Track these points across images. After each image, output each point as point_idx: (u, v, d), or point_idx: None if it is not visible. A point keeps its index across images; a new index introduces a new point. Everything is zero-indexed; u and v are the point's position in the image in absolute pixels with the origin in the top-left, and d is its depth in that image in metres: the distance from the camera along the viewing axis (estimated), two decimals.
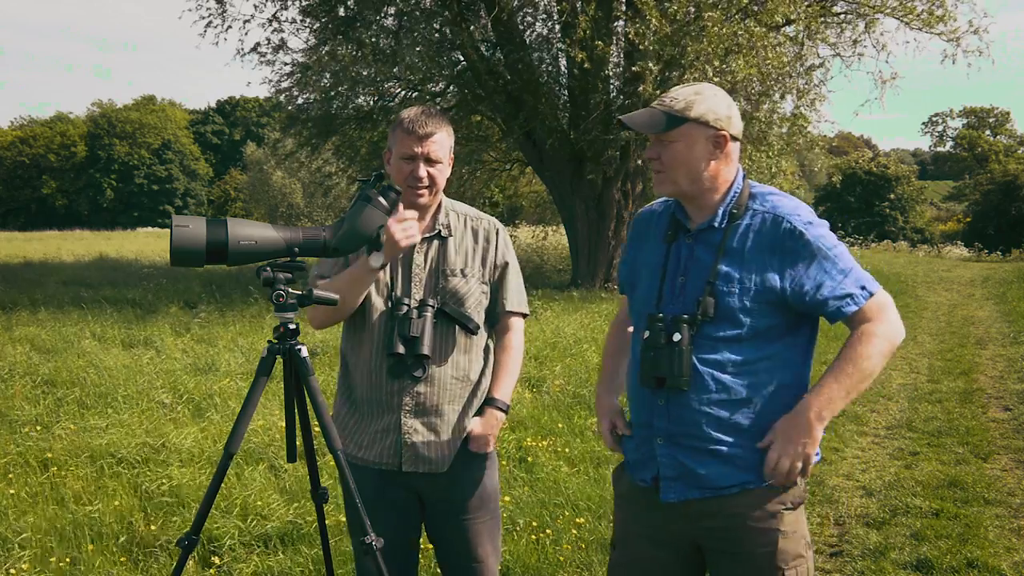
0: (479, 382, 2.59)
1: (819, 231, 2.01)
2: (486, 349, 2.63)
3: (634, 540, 2.20)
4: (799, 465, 1.98)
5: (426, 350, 2.42)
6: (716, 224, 2.06)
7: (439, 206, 2.58)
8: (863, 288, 1.98)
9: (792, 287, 1.97)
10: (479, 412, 2.57)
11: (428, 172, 2.46)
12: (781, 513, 2.03)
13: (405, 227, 2.36)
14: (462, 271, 2.54)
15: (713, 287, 2.01)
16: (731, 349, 2.00)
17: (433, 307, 2.47)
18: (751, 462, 2.01)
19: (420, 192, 2.48)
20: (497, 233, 2.62)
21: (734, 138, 2.07)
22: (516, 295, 2.64)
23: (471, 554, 2.58)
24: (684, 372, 1.98)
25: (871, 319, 1.97)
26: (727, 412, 2.00)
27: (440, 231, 2.56)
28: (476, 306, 2.55)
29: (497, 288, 2.61)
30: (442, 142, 2.48)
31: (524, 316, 2.68)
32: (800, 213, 2.03)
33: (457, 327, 2.52)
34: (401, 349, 2.42)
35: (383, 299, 2.51)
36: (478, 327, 2.54)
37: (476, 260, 2.57)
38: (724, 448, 2.01)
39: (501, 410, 2.58)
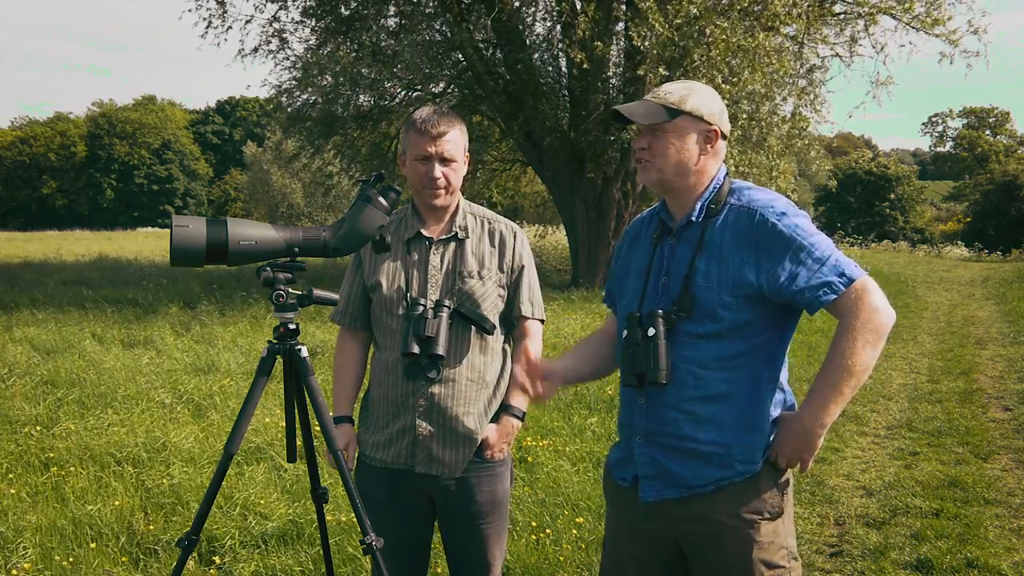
0: (496, 385, 2.57)
1: (793, 220, 1.97)
2: (503, 352, 2.62)
3: (618, 540, 2.21)
4: (796, 464, 2.02)
5: (440, 350, 2.42)
6: (694, 219, 2.07)
7: (456, 207, 2.58)
8: (841, 275, 1.92)
9: (768, 279, 1.95)
10: (495, 418, 2.56)
11: (443, 172, 2.46)
12: (758, 523, 2.01)
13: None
14: (479, 273, 2.52)
15: (691, 282, 2.01)
16: (710, 345, 1.99)
17: (449, 308, 2.46)
18: (728, 458, 2.00)
19: (436, 193, 2.48)
20: (515, 236, 2.61)
21: (723, 135, 2.10)
22: (533, 300, 2.63)
23: (481, 557, 2.58)
24: (661, 365, 1.98)
25: (851, 309, 1.90)
26: (706, 408, 2.00)
27: (457, 233, 2.55)
28: (492, 308, 2.54)
29: (514, 292, 2.60)
30: (456, 141, 2.47)
31: (541, 321, 2.67)
32: (775, 205, 2.01)
33: (473, 328, 2.50)
34: (416, 349, 2.42)
35: (399, 300, 2.51)
36: (494, 327, 2.53)
37: (493, 262, 2.56)
38: (701, 446, 2.00)
39: (517, 417, 2.58)
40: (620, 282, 2.25)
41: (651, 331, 2.00)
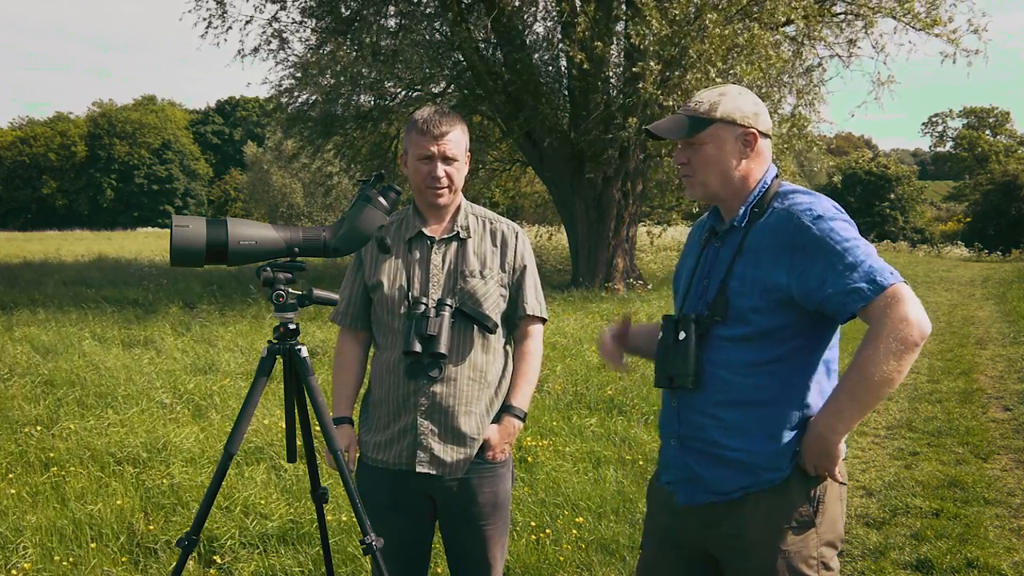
0: (498, 385, 2.57)
1: (828, 225, 1.91)
2: (505, 352, 2.61)
3: (652, 540, 2.23)
4: (823, 472, 1.98)
5: (443, 349, 2.41)
6: (737, 223, 2.05)
7: (458, 207, 2.58)
8: (872, 282, 1.83)
9: (798, 284, 1.91)
10: (496, 419, 2.56)
11: (445, 171, 2.46)
12: (784, 531, 1.99)
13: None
14: (481, 272, 2.52)
15: (726, 287, 2.00)
16: (740, 349, 1.98)
17: (451, 307, 2.46)
18: (751, 466, 1.98)
19: (439, 192, 2.48)
20: (516, 236, 2.61)
21: (763, 135, 2.06)
22: (535, 299, 2.63)
23: (482, 558, 2.58)
24: (689, 370, 1.98)
25: (879, 318, 1.83)
26: (733, 414, 1.99)
27: (458, 232, 2.55)
28: (494, 307, 2.53)
29: (516, 291, 2.60)
30: (457, 140, 2.48)
31: (543, 321, 2.67)
32: (812, 208, 1.95)
33: (475, 328, 2.50)
34: (418, 348, 2.41)
35: (401, 299, 2.50)
36: (496, 326, 2.53)
37: (495, 262, 2.55)
38: (728, 452, 1.99)
39: (518, 418, 2.57)
40: (676, 282, 2.27)
41: (682, 335, 1.99)
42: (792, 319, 1.96)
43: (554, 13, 15.14)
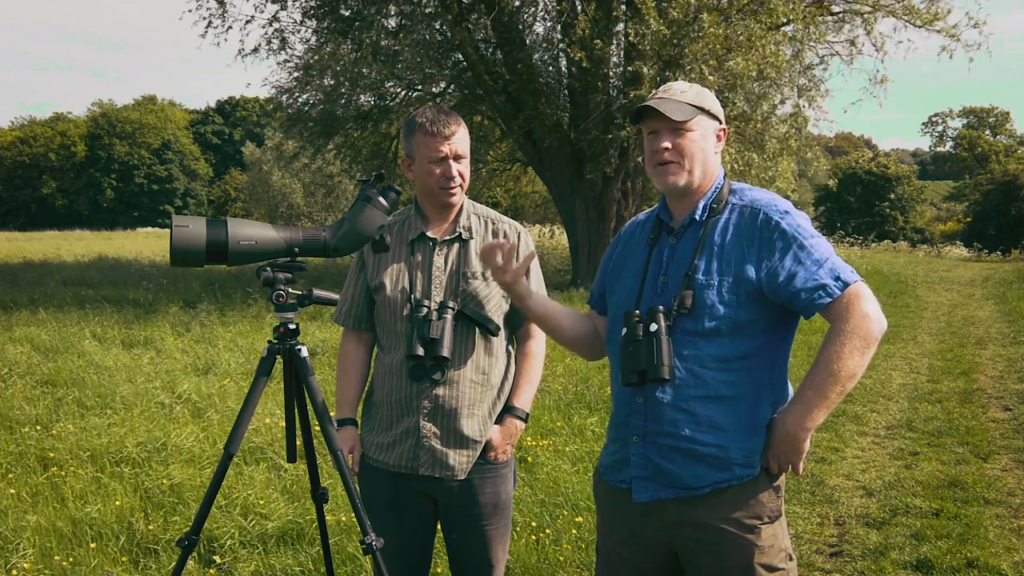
0: (500, 386, 2.56)
1: (796, 220, 1.99)
2: (507, 353, 2.61)
3: (612, 544, 2.20)
4: (787, 468, 2.02)
5: (445, 352, 2.40)
6: (698, 217, 2.07)
7: (460, 208, 2.57)
8: (837, 279, 1.92)
9: (767, 277, 1.95)
10: (499, 420, 2.55)
11: (458, 170, 2.46)
12: (759, 528, 2.00)
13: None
14: (483, 274, 2.51)
15: (691, 280, 2.01)
16: (710, 344, 1.98)
17: (453, 309, 2.45)
18: (725, 461, 1.98)
19: (453, 191, 2.47)
20: (519, 236, 2.59)
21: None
22: None
23: (484, 558, 2.58)
24: (664, 361, 1.97)
25: (843, 314, 1.90)
26: (706, 409, 1.98)
27: (461, 233, 2.54)
28: (496, 309, 2.53)
29: None
30: (464, 137, 2.48)
31: None
32: (777, 204, 2.03)
33: (477, 329, 2.49)
34: (420, 351, 2.41)
35: (403, 302, 2.49)
36: (498, 328, 2.52)
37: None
38: (700, 447, 1.99)
39: (520, 419, 2.57)
40: (612, 283, 2.24)
41: (653, 327, 1.99)
42: (761, 313, 1.99)
43: (554, 13, 15.14)
